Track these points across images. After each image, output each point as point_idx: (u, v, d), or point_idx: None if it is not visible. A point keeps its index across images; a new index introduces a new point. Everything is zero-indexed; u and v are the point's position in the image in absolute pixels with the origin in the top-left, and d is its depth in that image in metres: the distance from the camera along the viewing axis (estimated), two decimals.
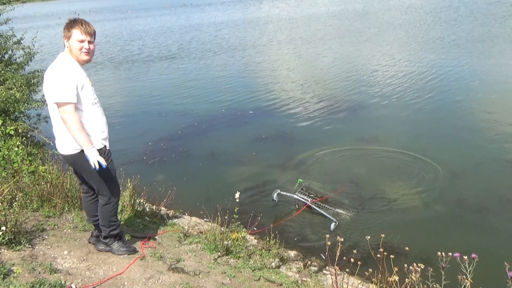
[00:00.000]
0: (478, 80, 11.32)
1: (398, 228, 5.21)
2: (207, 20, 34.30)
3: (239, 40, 22.05)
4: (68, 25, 3.17)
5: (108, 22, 39.34)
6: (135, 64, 17.59)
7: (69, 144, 3.18)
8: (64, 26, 3.18)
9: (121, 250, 3.64)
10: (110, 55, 19.84)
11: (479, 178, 6.37)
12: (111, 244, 3.63)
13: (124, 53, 20.48)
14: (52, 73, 3.10)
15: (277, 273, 3.87)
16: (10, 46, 7.78)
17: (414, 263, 2.70)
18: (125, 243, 3.72)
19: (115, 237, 3.61)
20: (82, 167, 3.27)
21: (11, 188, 4.16)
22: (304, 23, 27.17)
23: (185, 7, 50.43)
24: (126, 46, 23.07)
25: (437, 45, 16.37)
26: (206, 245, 4.13)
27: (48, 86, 3.09)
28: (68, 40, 3.15)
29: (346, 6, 36.11)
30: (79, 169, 3.38)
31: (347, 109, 9.87)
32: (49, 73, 3.13)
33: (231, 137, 8.68)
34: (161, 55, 19.23)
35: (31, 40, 7.94)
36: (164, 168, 7.43)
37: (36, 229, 3.83)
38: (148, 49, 21.08)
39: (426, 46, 16.37)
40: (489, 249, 4.73)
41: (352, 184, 6.38)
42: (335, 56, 16.05)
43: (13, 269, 3.03)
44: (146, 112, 10.78)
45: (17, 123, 6.29)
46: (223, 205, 5.00)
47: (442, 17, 23.96)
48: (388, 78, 12.21)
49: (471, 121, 8.56)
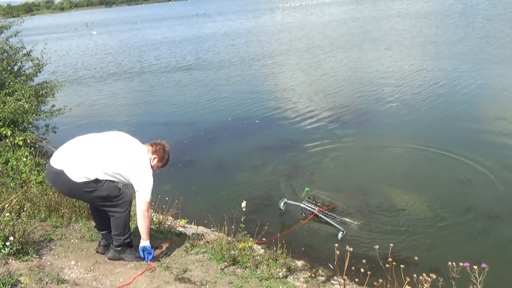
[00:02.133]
0: (493, 88, 11.19)
1: (407, 237, 5.15)
2: (214, 30, 34.60)
3: (245, 50, 22.19)
4: (165, 152, 3.66)
5: (117, 34, 39.84)
6: (141, 75, 17.74)
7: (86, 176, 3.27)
8: (161, 150, 3.62)
9: (132, 257, 3.66)
10: (116, 67, 20.06)
11: (489, 186, 6.29)
12: (123, 252, 3.64)
13: (126, 65, 20.68)
14: (140, 163, 3.44)
15: (285, 283, 3.83)
16: (20, 58, 7.88)
17: (423, 273, 2.66)
18: (136, 250, 3.73)
19: (128, 245, 3.65)
20: (90, 196, 3.37)
21: (20, 198, 4.19)
22: (311, 32, 27.30)
23: (197, 17, 51.02)
24: (126, 58, 23.31)
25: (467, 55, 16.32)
26: (213, 255, 4.11)
27: (131, 165, 3.39)
28: (157, 161, 3.60)
29: (356, 14, 36.25)
30: (85, 199, 3.55)
31: (353, 118, 9.84)
32: (135, 156, 3.44)
33: (238, 146, 8.69)
34: (165, 66, 19.40)
35: (40, 52, 8.04)
36: (171, 177, 7.42)
37: (44, 239, 3.83)
38: (152, 61, 21.28)
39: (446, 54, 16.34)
40: (500, 258, 4.66)
41: (359, 193, 6.34)
42: (341, 65, 16.06)
43: (20, 280, 3.03)
44: (152, 122, 10.84)
45: (26, 133, 6.35)
46: (230, 214, 4.98)
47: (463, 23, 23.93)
48: (396, 87, 12.15)
49: (481, 128, 8.47)
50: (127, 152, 3.44)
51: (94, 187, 3.28)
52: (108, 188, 3.35)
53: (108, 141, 3.46)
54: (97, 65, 21.07)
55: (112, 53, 25.37)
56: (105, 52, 26.93)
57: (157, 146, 3.63)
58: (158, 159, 3.60)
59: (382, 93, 11.56)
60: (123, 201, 3.48)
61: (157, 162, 3.61)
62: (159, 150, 3.61)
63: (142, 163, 3.45)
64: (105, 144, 3.43)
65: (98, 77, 17.98)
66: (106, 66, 20.57)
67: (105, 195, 3.35)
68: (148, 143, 3.65)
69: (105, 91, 15.23)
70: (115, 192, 3.43)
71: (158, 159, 3.60)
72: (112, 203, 3.43)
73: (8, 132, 6.12)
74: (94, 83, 16.95)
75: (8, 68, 7.51)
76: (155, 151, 3.59)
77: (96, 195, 3.34)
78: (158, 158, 3.60)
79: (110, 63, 21.35)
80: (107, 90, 15.27)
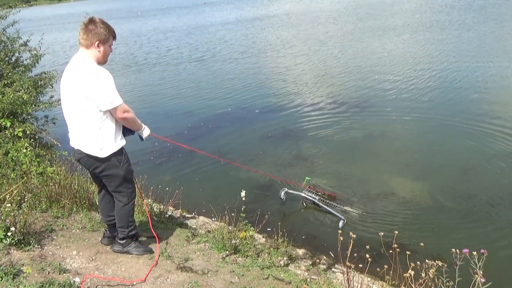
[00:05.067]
0: (493, 79, 11.09)
1: (407, 225, 5.17)
2: (218, 19, 34.34)
3: (244, 39, 22.04)
4: (106, 28, 3.10)
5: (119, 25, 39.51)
6: (140, 66, 17.66)
7: (106, 147, 3.18)
8: (97, 28, 3.06)
9: (139, 251, 3.65)
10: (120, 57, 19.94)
11: (490, 173, 6.29)
12: (128, 245, 3.63)
13: (128, 56, 20.57)
14: (91, 81, 2.99)
15: (286, 272, 3.85)
16: (17, 48, 7.80)
17: (426, 259, 2.67)
18: (141, 243, 3.74)
19: (132, 237, 3.63)
20: (110, 170, 3.27)
21: (20, 189, 4.19)
22: (313, 22, 27.08)
23: (204, 6, 50.75)
24: (128, 49, 23.16)
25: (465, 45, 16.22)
26: (214, 244, 4.12)
27: (89, 93, 3.00)
28: (104, 44, 3.11)
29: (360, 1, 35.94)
30: (104, 171, 3.28)
31: (354, 107, 9.79)
32: (83, 81, 3.00)
33: (238, 136, 8.67)
34: (164, 57, 19.29)
35: (38, 42, 7.97)
36: (171, 168, 7.44)
37: (45, 230, 3.84)
38: (152, 51, 21.17)
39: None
40: (502, 244, 4.67)
41: (360, 181, 6.34)
42: (342, 54, 15.96)
43: (22, 269, 3.04)
44: (152, 112, 10.80)
45: (25, 125, 6.32)
46: (231, 204, 4.99)
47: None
48: (397, 79, 12.03)
49: (481, 116, 8.43)
50: (77, 94, 3.05)
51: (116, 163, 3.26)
52: (125, 170, 3.33)
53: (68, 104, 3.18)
54: None
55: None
56: None
57: (88, 35, 3.06)
58: (100, 42, 3.08)
59: (383, 82, 11.50)
60: (132, 191, 3.46)
61: (103, 44, 3.12)
62: (92, 36, 3.06)
63: (94, 78, 3.01)
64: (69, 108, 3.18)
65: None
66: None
67: (123, 175, 3.32)
68: (83, 47, 3.10)
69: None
70: (130, 175, 3.42)
71: (99, 41, 3.08)
72: (126, 187, 3.39)
73: (7, 123, 6.09)
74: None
75: (6, 59, 7.45)
76: (91, 42, 3.07)
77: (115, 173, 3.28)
78: (99, 41, 3.08)
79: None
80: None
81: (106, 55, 3.20)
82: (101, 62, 3.20)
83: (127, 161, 3.38)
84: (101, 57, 3.16)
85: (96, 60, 3.14)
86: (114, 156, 3.24)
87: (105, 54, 3.18)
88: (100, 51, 3.13)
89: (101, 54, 3.14)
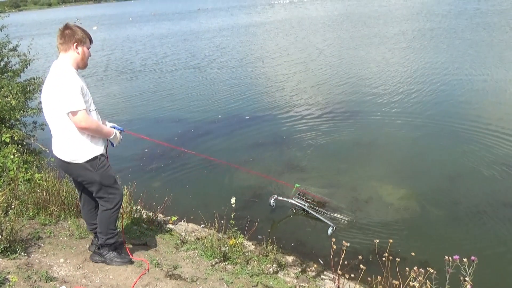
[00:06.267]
0: (476, 87, 11.24)
1: (395, 231, 5.19)
2: (209, 26, 34.41)
3: (235, 47, 22.12)
4: (82, 31, 3.15)
5: (114, 29, 39.40)
6: (129, 74, 17.57)
7: (76, 152, 3.14)
8: (74, 31, 3.10)
9: (115, 261, 3.54)
10: (106, 63, 19.85)
11: (476, 180, 6.36)
12: (106, 254, 3.53)
13: (116, 63, 20.47)
14: (57, 83, 3.02)
15: (275, 279, 3.83)
16: (6, 53, 7.72)
17: (414, 267, 2.68)
18: (120, 254, 3.61)
19: (110, 246, 3.52)
20: (85, 175, 3.23)
21: (7, 196, 4.12)
22: (301, 30, 27.30)
23: (198, 12, 50.75)
24: (114, 55, 23.08)
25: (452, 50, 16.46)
26: (203, 251, 4.09)
27: (55, 96, 3.02)
28: (82, 46, 3.14)
29: (351, 10, 36.34)
30: (80, 177, 3.28)
31: (342, 115, 9.84)
32: (53, 83, 3.04)
33: (228, 143, 8.66)
34: (154, 64, 19.24)
35: (27, 47, 7.89)
36: (161, 174, 7.39)
37: (32, 237, 3.78)
38: (142, 58, 21.11)
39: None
40: (486, 251, 4.72)
41: (349, 188, 6.36)
42: (331, 63, 16.08)
43: (8, 278, 2.98)
44: (142, 119, 10.74)
45: (13, 130, 6.24)
46: (220, 211, 4.97)
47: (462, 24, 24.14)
48: (386, 85, 12.18)
49: (467, 125, 8.54)
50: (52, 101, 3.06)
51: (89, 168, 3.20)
52: (101, 174, 3.25)
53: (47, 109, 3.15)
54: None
55: (103, 50, 25.06)
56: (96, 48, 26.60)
57: (65, 39, 3.10)
58: (77, 43, 3.11)
59: (373, 91, 11.60)
60: (115, 197, 3.38)
61: (81, 45, 3.14)
62: (69, 38, 3.09)
63: (59, 81, 3.02)
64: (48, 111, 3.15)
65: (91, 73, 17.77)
66: (95, 63, 20.36)
67: (99, 181, 3.25)
68: (62, 51, 3.13)
69: (95, 87, 15.04)
70: (109, 181, 3.32)
71: (77, 42, 3.11)
72: (106, 192, 3.33)
73: None
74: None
75: None
76: (68, 45, 3.10)
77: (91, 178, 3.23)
78: (77, 42, 3.11)
79: (95, 59, 21.10)
80: (97, 86, 15.06)
81: (85, 57, 3.21)
82: (81, 65, 3.20)
83: (104, 166, 3.27)
84: (80, 59, 3.17)
85: (75, 63, 3.15)
86: (86, 162, 3.18)
87: (84, 56, 3.18)
88: (79, 53, 3.14)
89: (80, 56, 3.15)
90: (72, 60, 3.13)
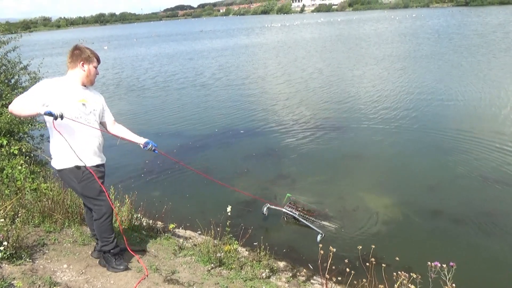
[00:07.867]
0: (456, 103, 11.38)
1: (380, 238, 5.17)
2: (212, 46, 34.64)
3: (230, 65, 22.25)
4: (90, 51, 3.20)
5: (121, 49, 39.46)
6: (137, 91, 17.58)
7: (57, 159, 3.12)
8: (83, 51, 3.15)
9: (109, 268, 3.46)
10: (111, 79, 19.85)
11: (453, 191, 6.39)
12: (104, 259, 3.49)
13: (127, 80, 20.49)
14: None
15: (268, 283, 3.79)
16: (17, 71, 7.71)
17: (396, 272, 2.67)
18: (115, 261, 3.48)
19: (105, 253, 3.45)
20: (70, 185, 3.21)
21: (14, 205, 4.06)
22: (296, 48, 27.58)
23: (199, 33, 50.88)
24: (125, 73, 23.11)
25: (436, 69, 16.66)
26: (200, 257, 4.04)
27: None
28: (88, 64, 3.17)
29: (340, 32, 36.77)
30: (67, 185, 3.30)
31: (332, 128, 9.90)
32: None
33: (224, 155, 8.64)
34: (154, 81, 19.27)
35: (37, 66, 7.89)
36: (161, 184, 7.34)
37: (37, 244, 3.71)
38: (150, 76, 21.14)
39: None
40: (464, 257, 4.71)
41: (337, 198, 6.36)
42: (322, 79, 16.22)
43: (13, 283, 2.92)
44: (143, 132, 10.57)
45: (21, 143, 6.20)
46: (216, 219, 4.93)
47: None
48: (375, 100, 12.28)
49: (448, 138, 8.61)
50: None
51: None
52: (84, 187, 3.15)
53: None
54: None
55: (110, 68, 25.09)
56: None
57: (73, 58, 3.15)
58: (84, 61, 3.15)
59: (361, 106, 11.69)
60: (101, 209, 3.25)
61: (87, 64, 3.16)
62: (77, 57, 3.14)
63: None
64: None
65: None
66: (106, 80, 20.35)
67: (80, 192, 3.19)
68: (70, 69, 3.19)
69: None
70: (91, 194, 3.19)
71: (83, 61, 3.15)
72: (91, 203, 3.26)
73: (4, 142, 5.95)
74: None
75: (5, 81, 7.34)
76: (75, 64, 3.14)
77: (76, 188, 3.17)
78: (83, 60, 3.15)
79: (104, 77, 21.10)
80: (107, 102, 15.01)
81: (91, 75, 3.21)
82: (86, 82, 3.20)
83: (88, 179, 3.14)
84: (85, 76, 3.17)
85: (81, 79, 3.17)
86: (68, 171, 3.11)
87: (89, 74, 3.19)
88: (85, 70, 3.16)
89: (85, 73, 3.17)
90: (78, 76, 3.16)
